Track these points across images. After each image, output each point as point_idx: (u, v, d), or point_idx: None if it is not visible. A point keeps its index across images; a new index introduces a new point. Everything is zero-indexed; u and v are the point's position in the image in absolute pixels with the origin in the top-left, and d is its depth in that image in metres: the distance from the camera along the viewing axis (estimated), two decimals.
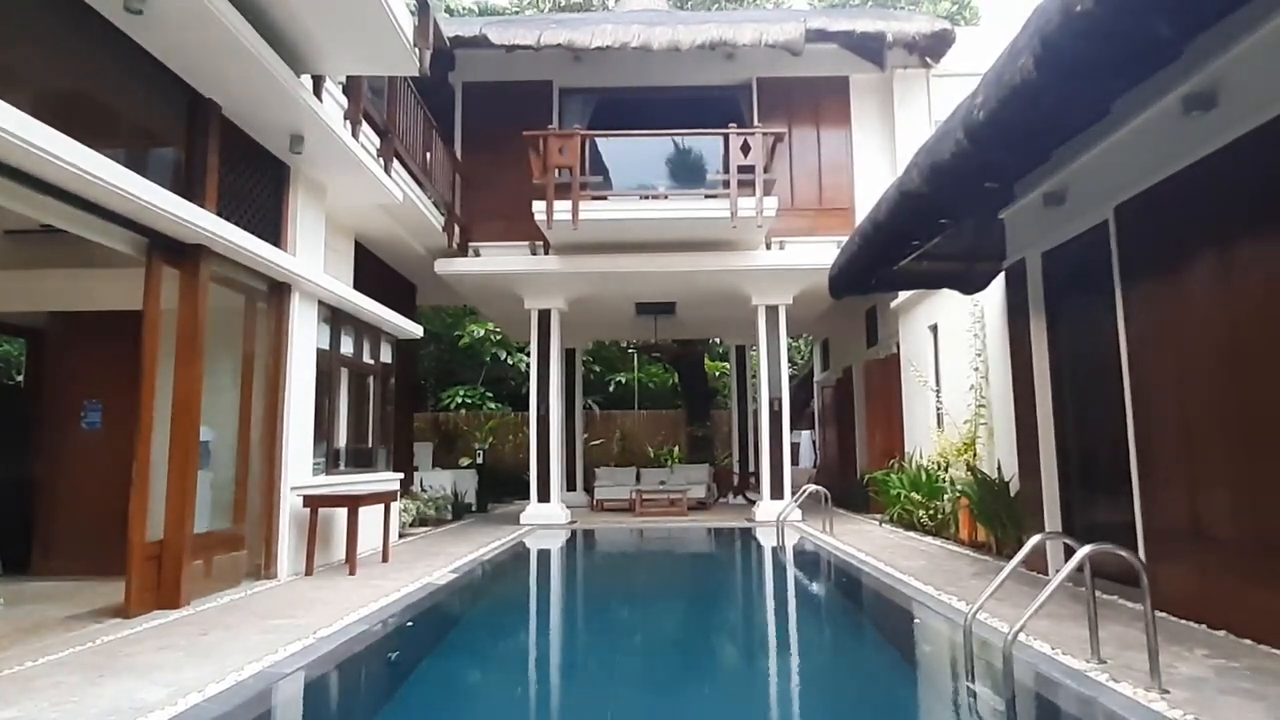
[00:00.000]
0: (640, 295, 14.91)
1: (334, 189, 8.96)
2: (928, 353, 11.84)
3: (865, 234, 7.28)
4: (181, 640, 5.10)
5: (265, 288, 7.79)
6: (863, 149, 13.75)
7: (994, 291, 8.90)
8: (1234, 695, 3.72)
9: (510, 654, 6.10)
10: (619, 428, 23.32)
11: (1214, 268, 5.06)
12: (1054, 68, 3.82)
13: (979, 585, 6.77)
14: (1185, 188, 5.21)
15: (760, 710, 4.47)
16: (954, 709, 4.33)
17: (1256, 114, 4.55)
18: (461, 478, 15.87)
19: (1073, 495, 6.98)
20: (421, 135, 11.55)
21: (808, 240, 13.22)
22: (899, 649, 6.04)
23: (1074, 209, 6.55)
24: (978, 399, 9.69)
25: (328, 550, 8.58)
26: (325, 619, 5.71)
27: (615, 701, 4.52)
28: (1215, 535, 5.08)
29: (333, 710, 4.65)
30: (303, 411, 8.25)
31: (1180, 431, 5.44)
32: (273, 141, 7.71)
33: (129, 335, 6.20)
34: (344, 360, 9.46)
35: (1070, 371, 7.00)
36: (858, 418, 16.28)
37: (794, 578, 9.19)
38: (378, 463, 10.46)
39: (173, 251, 6.29)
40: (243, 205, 7.44)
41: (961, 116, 4.77)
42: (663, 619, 7.44)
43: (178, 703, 3.79)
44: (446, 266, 13.06)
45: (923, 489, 10.79)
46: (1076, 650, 4.54)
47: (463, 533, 12.07)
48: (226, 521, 7.24)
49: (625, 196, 12.76)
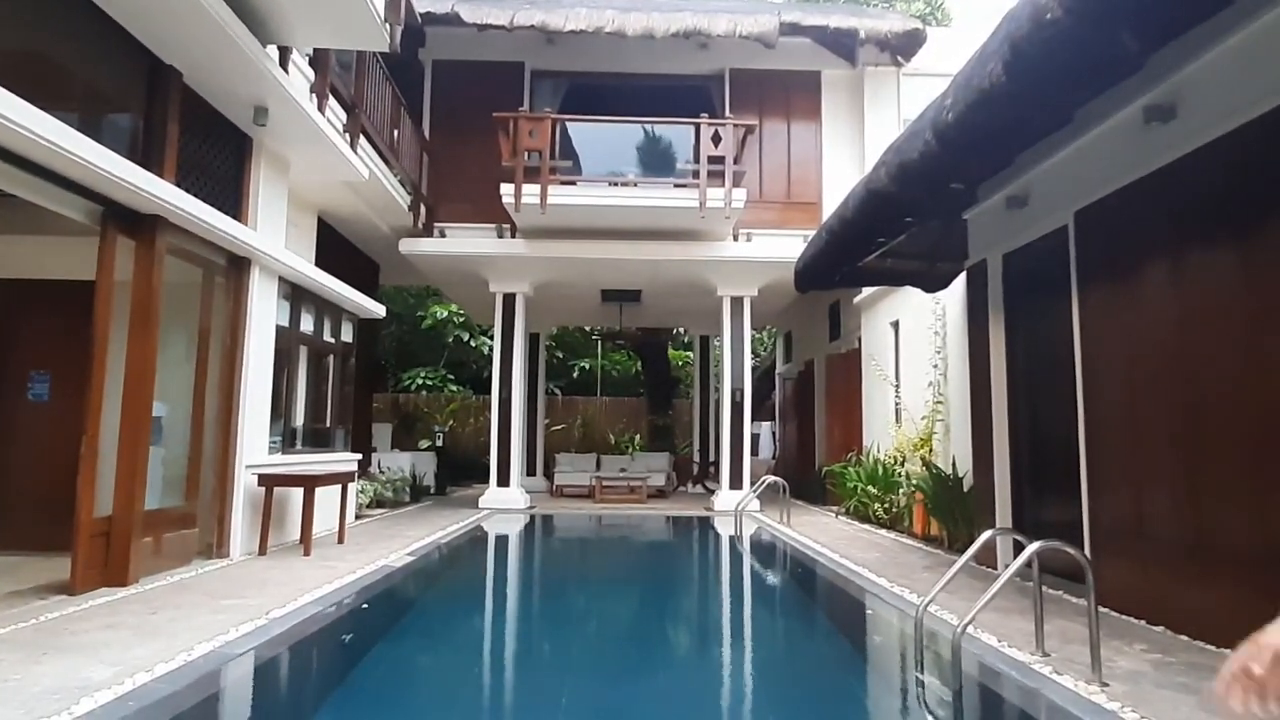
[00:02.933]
0: (606, 282, 14.88)
1: (298, 163, 8.79)
2: (888, 349, 12.00)
3: (832, 230, 7.34)
4: (129, 619, 5.00)
5: (224, 262, 7.63)
6: (832, 145, 13.84)
7: (955, 291, 9.04)
8: (1169, 689, 3.86)
9: (466, 638, 6.08)
10: (580, 414, 23.31)
11: (1165, 275, 5.20)
12: (1023, 74, 3.88)
13: (931, 578, 6.90)
14: (1143, 196, 5.34)
15: (714, 697, 4.52)
16: (903, 699, 4.42)
17: (1213, 127, 4.68)
18: (420, 460, 15.73)
19: (1024, 492, 7.15)
20: (389, 112, 11.36)
21: (775, 233, 13.29)
22: (851, 640, 6.15)
23: (1036, 212, 6.67)
24: (936, 395, 9.86)
25: (282, 530, 8.47)
26: (278, 600, 5.64)
27: (570, 688, 4.53)
28: (1156, 534, 5.25)
29: (284, 692, 4.60)
30: (260, 389, 8.11)
31: (1127, 433, 5.60)
32: (235, 112, 7.53)
33: (80, 306, 6.02)
34: (303, 338, 9.31)
35: (1026, 371, 7.15)
36: (818, 411, 16.45)
37: (751, 568, 9.29)
38: (336, 443, 10.33)
39: (128, 221, 6.12)
40: (202, 177, 7.26)
41: (930, 118, 4.83)
42: (621, 606, 7.48)
43: (125, 682, 3.73)
44: (411, 246, 12.90)
45: (879, 483, 10.96)
46: (1022, 643, 4.66)
47: (420, 515, 11.99)
48: (178, 499, 7.10)
49: (594, 182, 12.71)
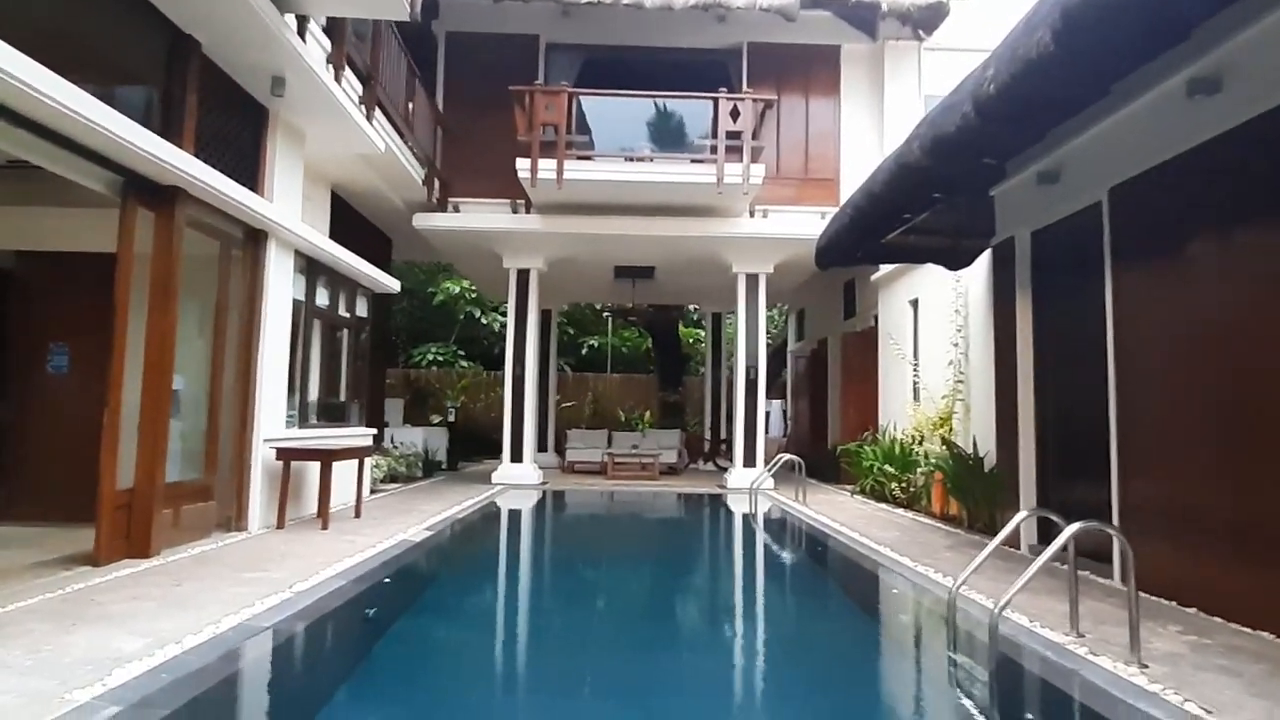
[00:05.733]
0: (620, 258, 14.78)
1: (313, 136, 8.69)
2: (907, 327, 11.89)
3: (858, 205, 7.23)
4: (154, 590, 4.99)
5: (241, 235, 7.56)
6: (850, 120, 13.65)
7: (979, 268, 8.92)
8: (1210, 671, 3.80)
9: (489, 613, 6.09)
10: (591, 390, 23.29)
11: (1208, 253, 5.09)
12: (1072, 43, 3.76)
13: (954, 558, 6.87)
14: (1184, 172, 5.22)
15: (749, 676, 4.50)
16: (939, 678, 4.38)
17: (1262, 100, 4.54)
18: (432, 435, 15.74)
19: (1049, 473, 7.08)
20: (404, 84, 11.23)
21: (792, 210, 13.16)
22: (882, 620, 6.12)
23: (1068, 189, 6.55)
24: (956, 375, 9.77)
25: (298, 504, 8.47)
26: (300, 573, 5.63)
27: (593, 661, 4.51)
28: (1191, 516, 5.17)
29: (313, 665, 4.59)
30: (277, 363, 8.07)
31: (1162, 414, 5.51)
32: (253, 83, 7.42)
33: (99, 278, 5.97)
34: (319, 312, 9.25)
35: (1054, 350, 7.05)
36: (831, 389, 16.38)
37: (774, 547, 9.26)
38: (351, 418, 10.31)
39: (148, 193, 6.05)
40: (220, 148, 7.18)
41: (970, 89, 4.71)
42: (648, 585, 7.46)
43: (155, 654, 3.70)
44: (425, 221, 12.81)
45: (896, 462, 10.90)
46: (1054, 624, 4.62)
47: (434, 490, 12.00)
48: (197, 472, 7.09)
49: (610, 158, 12.57)
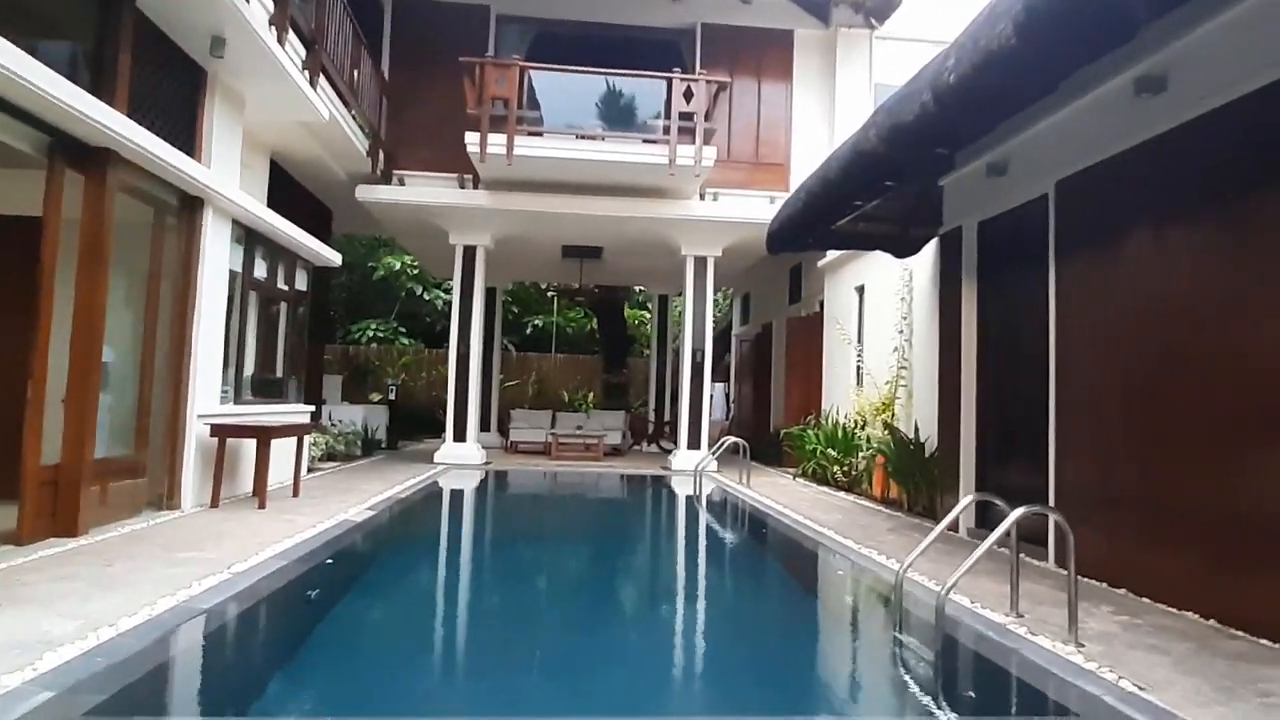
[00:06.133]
0: (568, 238, 14.63)
1: (254, 100, 8.35)
2: (852, 313, 12.07)
3: (811, 191, 7.27)
4: (83, 570, 4.78)
5: (176, 201, 7.25)
6: (802, 106, 13.72)
7: (925, 257, 9.09)
8: (1141, 650, 3.96)
9: (432, 593, 6.03)
10: (535, 370, 23.12)
11: (1145, 248, 5.27)
12: (1034, 37, 3.82)
13: (895, 540, 7.02)
14: (1127, 168, 5.38)
15: (700, 656, 4.53)
16: (887, 657, 4.47)
17: (1205, 101, 4.70)
18: (372, 413, 15.42)
19: (989, 458, 7.28)
20: (350, 51, 10.86)
21: (742, 193, 13.20)
22: (827, 601, 6.23)
23: (1015, 181, 6.69)
24: (900, 361, 9.96)
25: (234, 482, 8.21)
26: (238, 553, 5.45)
27: (534, 642, 4.49)
28: (1121, 501, 5.38)
29: (255, 648, 4.46)
30: (212, 336, 7.79)
31: (1097, 402, 5.70)
32: (191, 43, 7.10)
33: (20, 243, 5.67)
34: (257, 284, 8.94)
35: (997, 338, 7.24)
36: (775, 373, 16.56)
37: (718, 528, 9.33)
38: (289, 394, 10.01)
39: (78, 154, 5.74)
40: (155, 110, 6.84)
41: (930, 78, 4.75)
42: (589, 566, 7.45)
43: (88, 636, 3.54)
44: (369, 194, 12.46)
45: (839, 446, 11.09)
46: (994, 604, 4.76)
47: (374, 469, 11.77)
48: (127, 448, 6.81)
49: (562, 135, 12.38)
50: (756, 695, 3.72)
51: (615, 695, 3.63)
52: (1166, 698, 3.29)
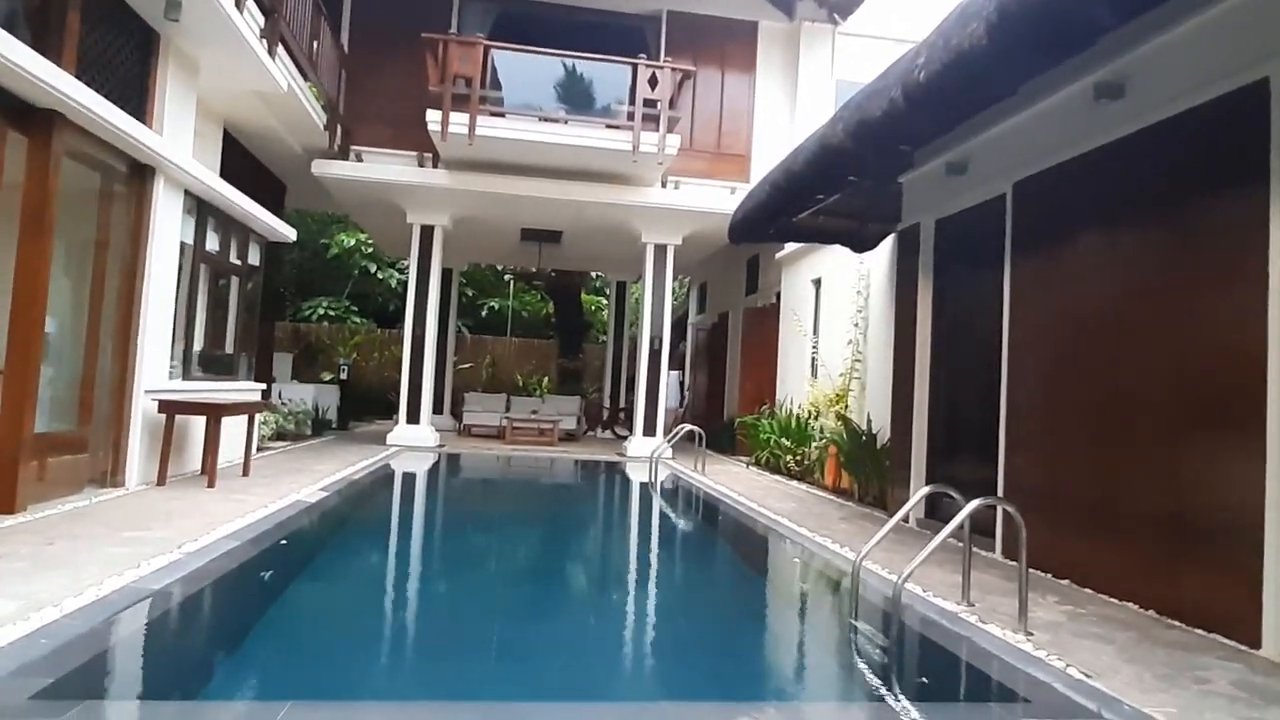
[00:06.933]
0: (528, 221, 14.50)
1: (209, 68, 8.09)
2: (809, 305, 12.20)
3: (775, 183, 7.32)
4: (23, 549, 4.63)
5: (126, 169, 7.01)
6: (765, 98, 13.76)
7: (882, 252, 9.23)
8: (1087, 639, 4.11)
9: (385, 575, 5.97)
10: (490, 353, 22.93)
11: (1096, 250, 5.42)
12: (1004, 38, 3.89)
13: (848, 529, 7.15)
14: (1084, 171, 5.52)
15: (657, 642, 4.56)
16: (844, 643, 4.56)
17: (1160, 109, 4.84)
18: (323, 393, 15.16)
19: (940, 451, 7.44)
20: (310, 22, 10.57)
21: (703, 183, 13.21)
22: (782, 588, 6.31)
23: (974, 180, 6.83)
24: (855, 353, 10.11)
25: (181, 460, 8.00)
26: (188, 533, 5.33)
27: (486, 624, 4.48)
28: (1067, 496, 5.55)
29: (206, 629, 4.36)
30: (161, 309, 7.56)
31: (1046, 399, 5.87)
32: (144, 4, 6.83)
33: None
34: (208, 257, 8.70)
35: (951, 334, 7.38)
36: (730, 362, 16.68)
37: (674, 515, 9.39)
38: (239, 371, 9.79)
39: (21, 115, 5.52)
40: (105, 73, 6.59)
41: (899, 75, 4.81)
42: (543, 550, 7.44)
43: (30, 617, 3.43)
44: (325, 169, 12.17)
45: (792, 435, 11.23)
46: (945, 593, 4.87)
47: (326, 450, 11.57)
48: (69, 423, 6.60)
49: (524, 116, 12.23)
50: (718, 681, 3.77)
51: (567, 679, 3.64)
52: (1112, 684, 3.42)
